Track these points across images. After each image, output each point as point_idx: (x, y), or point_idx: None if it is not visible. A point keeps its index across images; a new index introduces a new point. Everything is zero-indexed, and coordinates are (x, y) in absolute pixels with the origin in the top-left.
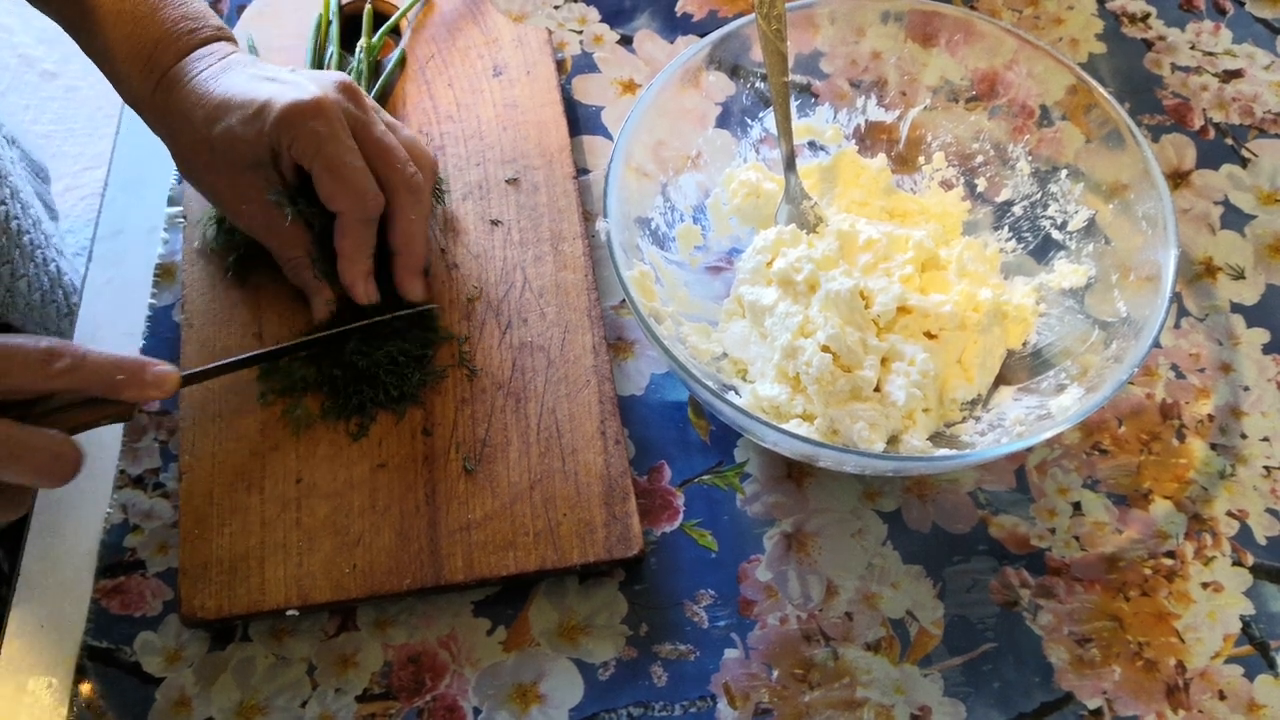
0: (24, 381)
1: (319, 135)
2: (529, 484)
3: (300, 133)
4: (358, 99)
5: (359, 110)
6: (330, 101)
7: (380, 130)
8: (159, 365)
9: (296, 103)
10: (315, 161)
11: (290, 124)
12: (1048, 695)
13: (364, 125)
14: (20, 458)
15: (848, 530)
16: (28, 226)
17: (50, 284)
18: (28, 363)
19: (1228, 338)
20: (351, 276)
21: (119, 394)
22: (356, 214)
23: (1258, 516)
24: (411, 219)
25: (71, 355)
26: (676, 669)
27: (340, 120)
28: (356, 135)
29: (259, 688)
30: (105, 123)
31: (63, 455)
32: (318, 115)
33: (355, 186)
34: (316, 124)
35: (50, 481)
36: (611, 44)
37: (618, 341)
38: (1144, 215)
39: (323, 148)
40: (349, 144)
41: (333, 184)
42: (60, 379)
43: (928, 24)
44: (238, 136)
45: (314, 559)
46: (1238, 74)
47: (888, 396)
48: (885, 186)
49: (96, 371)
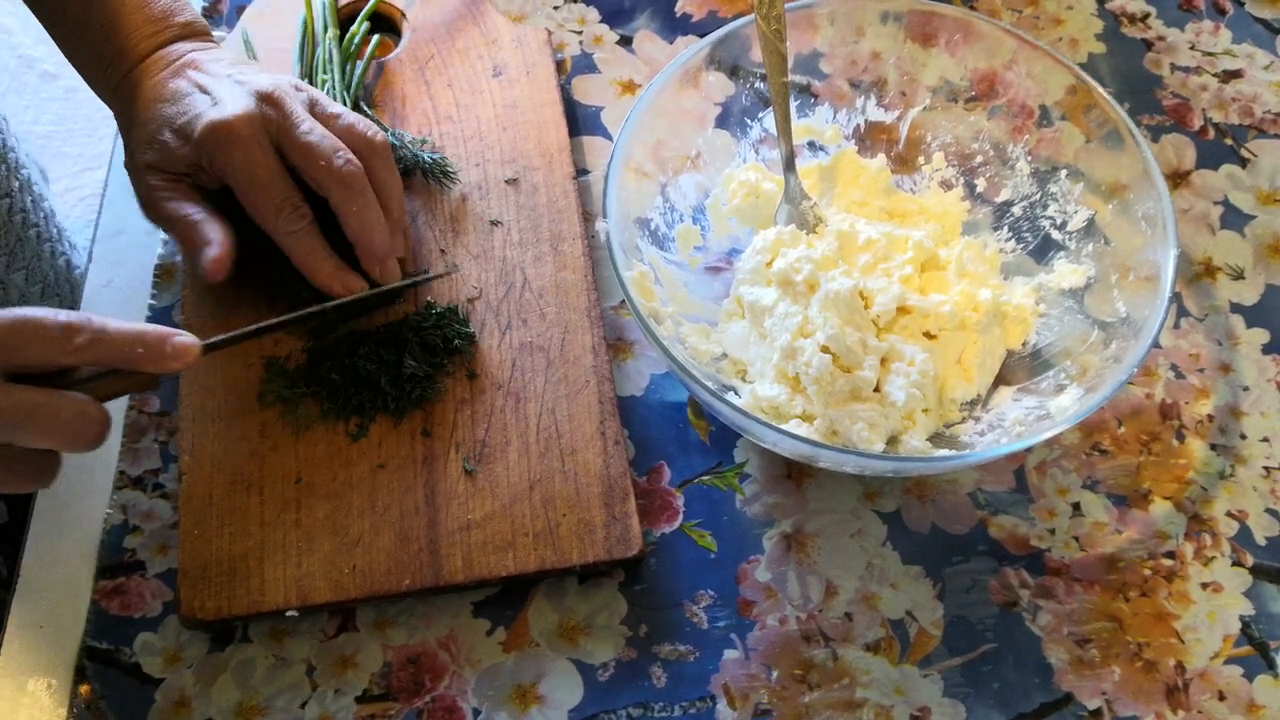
0: (44, 355)
1: (233, 158)
2: (528, 484)
3: (216, 156)
4: (277, 104)
5: (279, 115)
6: (244, 119)
7: (303, 131)
8: (180, 336)
9: (211, 125)
10: (232, 184)
11: (207, 147)
12: (1047, 696)
13: (286, 130)
14: (46, 420)
15: (847, 531)
16: (36, 219)
17: (57, 278)
18: (48, 337)
19: (1227, 338)
20: (320, 281)
21: (140, 366)
22: (285, 227)
23: (1257, 517)
24: (354, 210)
25: (92, 329)
26: (676, 670)
27: (255, 137)
28: (280, 142)
29: (259, 689)
30: (105, 124)
31: (88, 415)
32: (231, 139)
33: (271, 205)
34: (231, 147)
35: (78, 444)
36: (611, 44)
37: (617, 342)
38: (1143, 215)
39: (235, 172)
40: (262, 162)
41: (251, 205)
42: (81, 353)
43: (927, 24)
44: (172, 150)
45: (313, 560)
46: (1237, 74)
47: (887, 397)
48: (885, 187)
49: (117, 345)
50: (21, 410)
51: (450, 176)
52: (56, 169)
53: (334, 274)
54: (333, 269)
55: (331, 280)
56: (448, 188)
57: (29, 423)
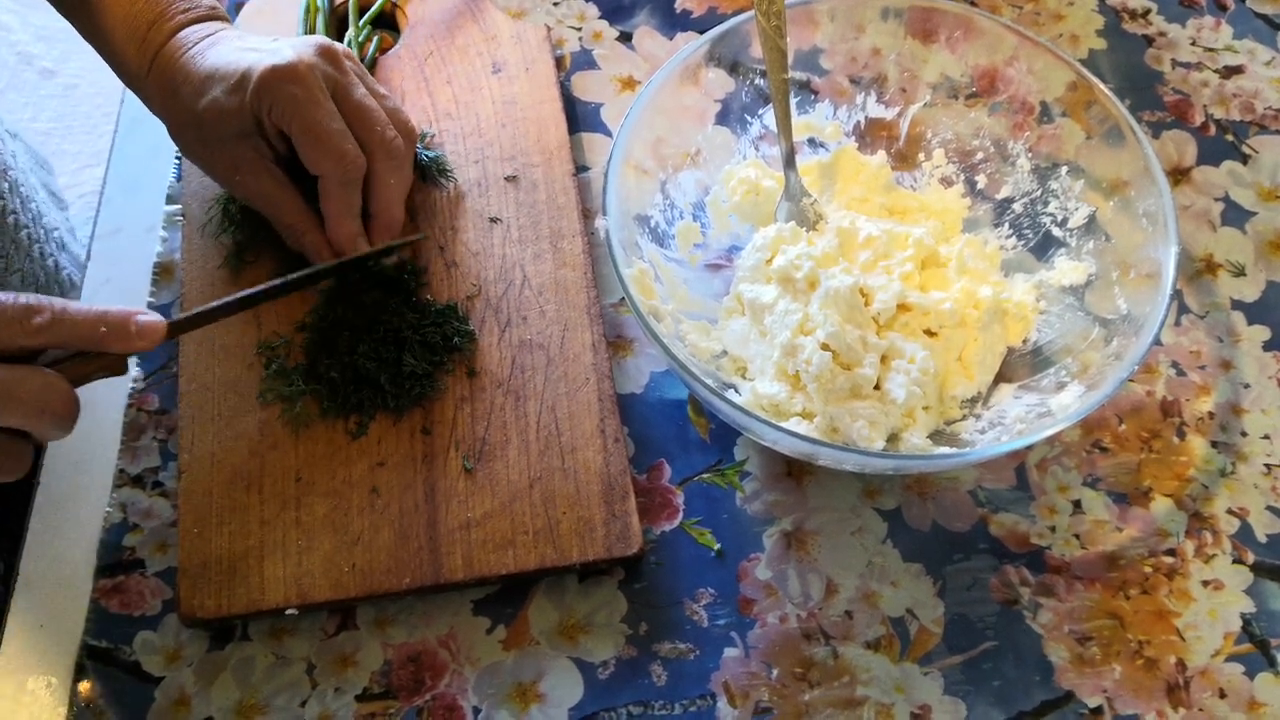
0: (3, 338)
1: (296, 99)
2: (528, 482)
3: (278, 97)
4: (337, 62)
5: (338, 73)
6: (307, 65)
7: (360, 93)
8: (144, 315)
9: (273, 68)
10: (293, 125)
11: (268, 90)
12: (1048, 693)
13: (343, 88)
14: (10, 396)
15: (847, 528)
16: (26, 221)
17: (46, 279)
18: (6, 319)
19: (1228, 335)
20: (339, 238)
21: (104, 346)
22: (337, 176)
23: (1258, 514)
24: (390, 184)
25: (51, 310)
26: (676, 668)
27: (318, 83)
28: (336, 98)
29: (258, 687)
30: (104, 120)
31: (55, 387)
32: (294, 80)
33: (334, 149)
34: (294, 88)
35: (47, 417)
36: (611, 40)
37: (617, 339)
38: (1144, 212)
39: (299, 111)
40: (327, 107)
41: (312, 147)
42: (41, 334)
43: (927, 20)
44: (223, 107)
45: (313, 558)
46: (1238, 70)
47: (887, 394)
48: (885, 183)
49: (78, 325)
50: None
51: (447, 175)
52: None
53: (352, 236)
54: (354, 230)
55: (348, 240)
56: (444, 185)
57: (1, 398)
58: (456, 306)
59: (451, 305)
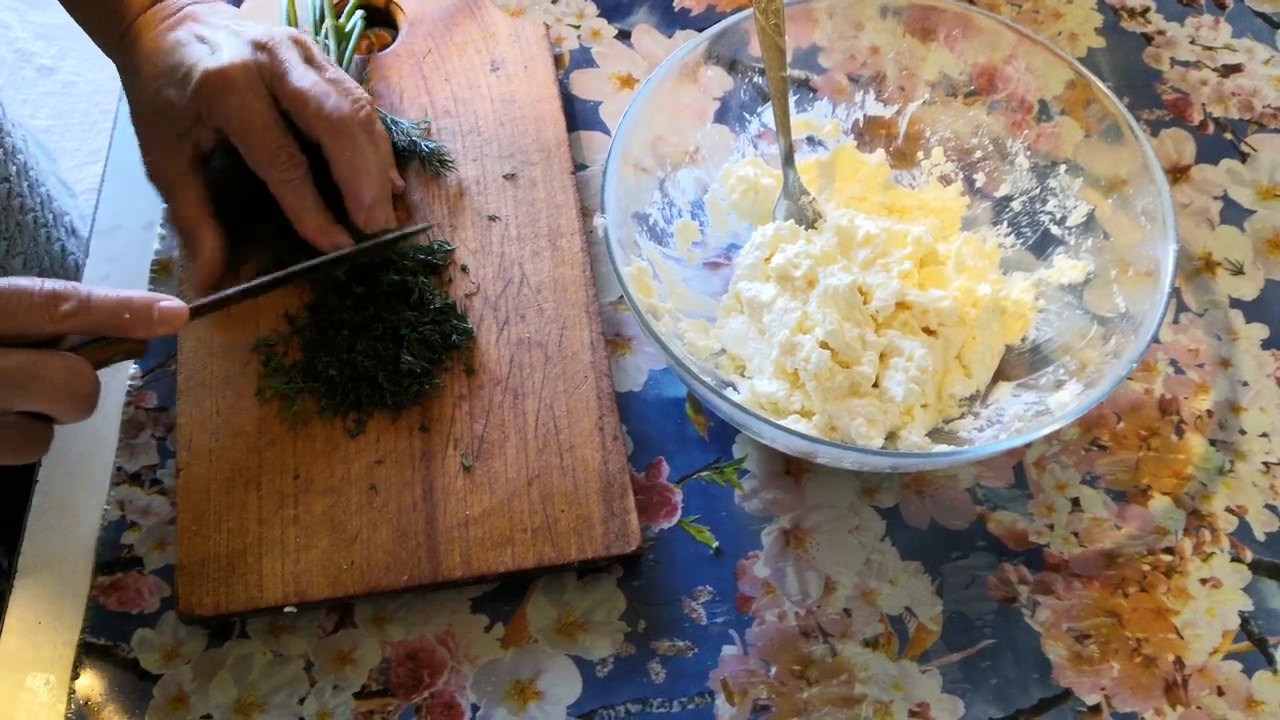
0: (30, 324)
1: (228, 105)
2: (527, 480)
3: (213, 104)
4: (272, 52)
5: (272, 63)
6: (239, 67)
7: (296, 77)
8: (166, 301)
9: (207, 72)
10: (228, 131)
11: (203, 96)
12: (1046, 691)
13: (278, 78)
14: (38, 380)
15: (846, 526)
16: (34, 205)
17: (51, 263)
18: (34, 306)
19: (1227, 333)
20: (308, 234)
21: (128, 333)
22: (276, 177)
23: (1256, 512)
24: (345, 157)
25: (77, 297)
26: (675, 665)
27: (250, 84)
28: (273, 90)
29: (257, 685)
30: (102, 118)
31: (81, 372)
32: (226, 85)
33: (266, 152)
34: (227, 94)
35: (73, 402)
36: (609, 38)
37: (616, 337)
38: (1143, 210)
39: (230, 117)
40: (257, 108)
41: (248, 153)
42: (68, 321)
43: (926, 19)
44: (170, 102)
45: (311, 555)
46: (1237, 69)
47: (886, 392)
48: (884, 182)
49: (103, 312)
50: (18, 371)
51: (447, 165)
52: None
53: (322, 228)
54: (322, 223)
55: (319, 234)
56: (445, 177)
57: (28, 382)
58: (455, 304)
59: (450, 303)
